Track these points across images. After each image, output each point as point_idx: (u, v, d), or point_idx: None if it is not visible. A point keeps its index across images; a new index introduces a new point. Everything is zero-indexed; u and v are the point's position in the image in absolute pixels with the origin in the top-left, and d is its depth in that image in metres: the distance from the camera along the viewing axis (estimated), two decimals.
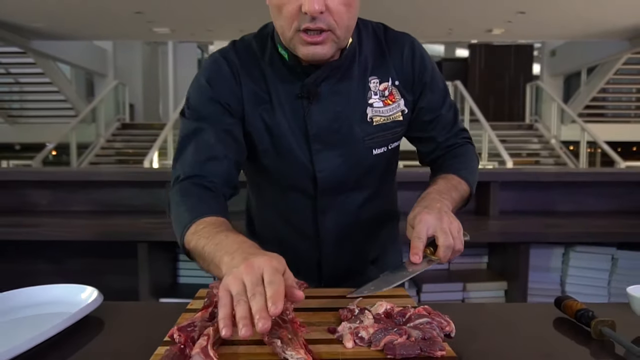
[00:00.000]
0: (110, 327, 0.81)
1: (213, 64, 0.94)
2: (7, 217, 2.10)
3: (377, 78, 0.95)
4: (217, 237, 0.74)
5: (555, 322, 0.82)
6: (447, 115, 1.03)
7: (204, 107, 0.91)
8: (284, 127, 0.92)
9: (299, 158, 0.94)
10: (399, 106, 0.96)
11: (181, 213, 0.83)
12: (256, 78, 0.93)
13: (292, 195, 1.00)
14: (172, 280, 2.10)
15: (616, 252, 1.89)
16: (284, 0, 0.80)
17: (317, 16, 0.79)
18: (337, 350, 0.63)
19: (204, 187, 0.87)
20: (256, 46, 0.94)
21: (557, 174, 2.22)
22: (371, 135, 0.95)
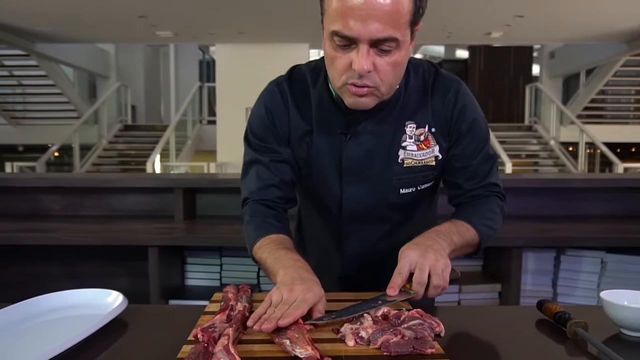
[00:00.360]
0: (134, 328, 0.90)
1: (269, 93, 1.06)
2: (22, 221, 2.18)
3: (414, 123, 1.01)
4: (276, 253, 0.93)
5: (536, 323, 0.91)
6: (479, 166, 1.05)
7: (262, 137, 1.05)
8: (322, 157, 1.03)
9: (331, 185, 1.04)
10: (432, 152, 1.02)
11: (250, 230, 1.03)
12: (303, 110, 1.03)
13: (321, 216, 1.13)
14: (180, 283, 2.18)
15: (605, 255, 1.97)
16: (336, 54, 0.88)
17: (364, 74, 0.86)
18: (341, 348, 0.72)
19: (267, 206, 1.05)
20: (309, 79, 1.04)
21: (549, 180, 2.30)
22: (400, 175, 1.02)
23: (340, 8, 0.83)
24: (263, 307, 0.79)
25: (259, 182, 1.05)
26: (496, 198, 1.09)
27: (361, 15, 0.81)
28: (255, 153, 1.06)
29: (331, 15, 0.86)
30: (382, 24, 0.82)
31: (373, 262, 1.12)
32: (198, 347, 0.67)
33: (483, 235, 1.02)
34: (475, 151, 1.04)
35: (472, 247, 1.02)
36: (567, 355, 0.80)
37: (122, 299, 0.92)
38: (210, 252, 2.17)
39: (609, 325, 0.87)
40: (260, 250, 0.97)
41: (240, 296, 0.88)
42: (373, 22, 0.81)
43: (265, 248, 0.96)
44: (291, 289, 0.80)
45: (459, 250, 0.99)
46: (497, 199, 1.09)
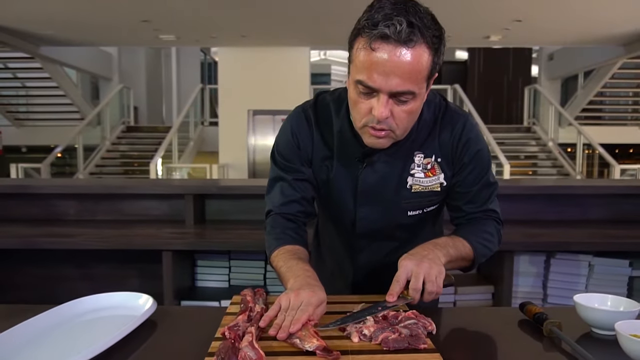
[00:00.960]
0: (163, 328, 1.01)
1: (296, 117, 1.18)
2: (40, 226, 2.29)
3: (422, 153, 1.12)
4: (289, 262, 1.05)
5: (518, 323, 1.03)
6: (479, 193, 1.16)
7: (287, 157, 1.17)
8: (340, 180, 1.15)
9: (347, 206, 1.17)
10: (438, 179, 1.13)
11: (270, 240, 1.15)
12: (326, 136, 1.15)
13: (337, 230, 1.26)
14: (191, 284, 2.30)
15: (593, 259, 2.09)
16: (359, 99, 0.98)
17: (382, 120, 0.97)
18: (347, 343, 0.84)
19: (288, 219, 1.17)
20: (333, 108, 1.15)
21: (540, 187, 2.42)
22: (408, 199, 1.14)
23: (367, 62, 0.93)
24: (273, 310, 0.91)
25: (282, 197, 1.17)
26: (493, 221, 1.19)
27: (384, 70, 0.92)
28: (280, 171, 1.18)
29: (357, 65, 0.96)
30: (402, 79, 0.92)
31: (382, 272, 1.21)
32: (226, 343, 0.79)
33: (477, 251, 1.12)
34: (477, 179, 1.15)
35: (467, 262, 1.13)
36: (543, 351, 0.92)
37: (152, 301, 1.04)
38: (219, 255, 2.28)
39: (582, 325, 0.99)
40: (276, 258, 1.09)
41: (257, 299, 1.00)
42: (394, 77, 0.92)
43: (281, 257, 1.08)
44: (297, 293, 0.91)
45: (454, 262, 1.09)
46: (495, 222, 1.19)
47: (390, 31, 0.90)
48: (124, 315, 1.02)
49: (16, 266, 2.38)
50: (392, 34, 0.90)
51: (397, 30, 0.89)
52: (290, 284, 0.98)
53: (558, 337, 0.92)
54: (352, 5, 6.51)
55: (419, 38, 0.91)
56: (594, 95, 10.84)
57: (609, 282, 2.08)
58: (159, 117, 13.92)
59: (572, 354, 0.87)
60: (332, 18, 7.24)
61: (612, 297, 1.00)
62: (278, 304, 0.92)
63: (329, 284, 1.01)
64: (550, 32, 8.01)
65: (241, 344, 0.77)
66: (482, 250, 1.13)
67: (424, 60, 0.93)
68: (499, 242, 1.20)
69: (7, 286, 2.40)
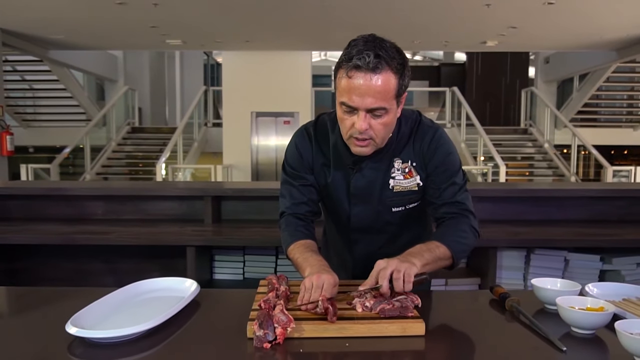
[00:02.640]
0: (205, 306, 1.27)
1: (300, 134, 1.45)
2: (74, 225, 2.54)
3: (400, 159, 1.37)
4: (305, 254, 1.29)
5: (489, 302, 1.29)
6: (448, 189, 1.36)
7: (294, 167, 1.43)
8: (336, 184, 1.42)
9: (342, 205, 1.44)
10: (415, 180, 1.38)
11: (285, 236, 1.40)
12: (324, 149, 1.42)
13: (337, 227, 1.54)
14: (209, 277, 2.55)
15: (568, 254, 2.35)
16: (344, 116, 1.25)
17: (363, 132, 1.23)
18: (353, 313, 1.10)
19: (299, 218, 1.43)
20: (329, 126, 1.42)
21: (523, 190, 2.68)
22: (390, 198, 1.39)
23: (346, 87, 1.20)
24: (301, 291, 1.14)
25: (292, 200, 1.44)
26: (465, 219, 1.35)
27: (360, 92, 1.18)
28: (289, 178, 1.45)
29: (340, 90, 1.23)
30: (374, 98, 1.19)
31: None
32: (262, 311, 1.05)
33: (454, 249, 1.28)
34: (446, 179, 1.36)
35: (447, 261, 1.28)
36: (505, 322, 1.18)
37: (196, 285, 1.30)
38: (234, 251, 2.54)
39: (537, 303, 1.25)
40: (293, 251, 1.35)
41: (280, 281, 1.26)
42: (368, 97, 1.19)
43: (297, 250, 1.33)
44: (318, 276, 1.15)
45: (432, 264, 1.23)
46: (466, 219, 1.35)
47: (362, 62, 1.16)
48: (173, 296, 1.28)
49: (48, 260, 2.64)
50: (363, 64, 1.16)
51: (366, 62, 1.16)
52: (308, 271, 1.21)
53: (517, 310, 1.18)
54: (351, 11, 6.79)
55: (385, 66, 1.18)
56: (589, 98, 11.08)
57: (582, 275, 2.33)
58: (162, 118, 14.15)
59: (527, 323, 1.14)
60: (333, 24, 7.50)
61: (561, 280, 1.27)
62: (303, 286, 1.15)
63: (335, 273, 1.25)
64: (544, 38, 8.28)
65: (274, 311, 1.03)
66: (458, 247, 1.29)
67: (391, 83, 1.20)
68: (477, 235, 1.36)
69: (40, 279, 2.66)
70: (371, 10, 6.65)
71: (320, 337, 1.03)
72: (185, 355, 0.97)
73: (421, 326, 1.04)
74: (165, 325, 1.08)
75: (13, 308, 1.27)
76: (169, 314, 1.11)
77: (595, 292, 1.27)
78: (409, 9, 6.61)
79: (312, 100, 10.67)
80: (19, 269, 2.64)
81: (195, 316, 1.18)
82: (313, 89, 10.71)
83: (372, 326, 1.04)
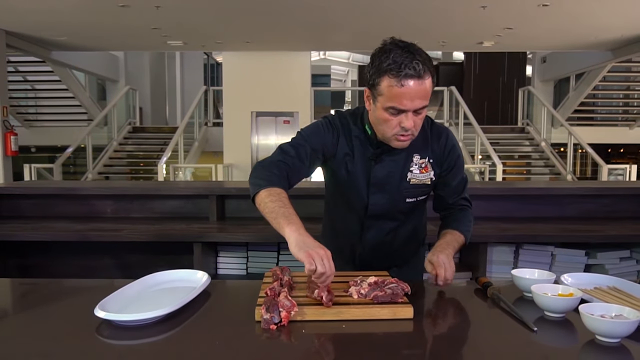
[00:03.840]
0: (215, 295, 1.40)
1: (326, 124, 1.53)
2: (85, 222, 2.67)
3: (419, 155, 1.52)
4: (289, 209, 1.30)
5: (474, 291, 1.42)
6: (457, 186, 1.60)
7: (311, 137, 1.50)
8: (357, 173, 1.53)
9: (361, 194, 1.56)
10: (429, 175, 1.54)
11: (262, 174, 1.41)
12: (347, 140, 1.53)
13: (351, 212, 1.63)
14: (214, 272, 2.68)
15: (555, 249, 2.48)
16: (390, 117, 1.36)
17: (410, 129, 1.37)
18: (349, 299, 1.23)
19: (282, 167, 1.44)
20: (350, 120, 1.54)
21: (514, 189, 2.81)
22: (407, 189, 1.54)
23: (398, 93, 1.31)
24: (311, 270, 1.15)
25: (283, 154, 1.46)
26: (468, 209, 1.65)
27: (411, 97, 1.31)
28: (295, 140, 1.49)
29: (388, 96, 1.33)
30: (421, 100, 1.33)
31: (383, 246, 1.65)
32: (268, 298, 1.17)
33: (467, 237, 1.58)
34: (456, 177, 1.59)
35: (461, 246, 1.57)
36: (487, 308, 1.31)
37: (207, 276, 1.43)
38: (238, 247, 2.67)
39: (517, 291, 1.38)
40: (270, 196, 1.33)
41: (284, 272, 1.39)
42: (417, 99, 1.32)
43: (276, 197, 1.32)
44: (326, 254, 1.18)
45: (456, 250, 1.52)
46: (469, 209, 1.65)
47: (413, 72, 1.29)
48: (187, 286, 1.40)
49: (59, 257, 2.76)
50: (415, 73, 1.29)
51: (417, 70, 1.30)
52: (291, 231, 1.22)
53: (498, 298, 1.31)
54: (349, 12, 6.91)
55: (427, 70, 1.32)
56: (585, 97, 11.21)
57: (568, 269, 2.46)
58: (163, 118, 14.26)
59: (506, 308, 1.26)
60: (331, 25, 7.62)
61: (539, 271, 1.40)
62: (312, 264, 1.15)
63: (336, 257, 1.31)
64: (540, 39, 8.39)
65: (279, 297, 1.16)
66: (469, 234, 1.60)
67: (431, 83, 1.35)
68: (472, 221, 1.65)
69: (53, 275, 2.78)
70: (369, 12, 6.77)
71: (320, 320, 1.15)
72: (200, 336, 1.10)
73: (410, 310, 1.17)
74: (181, 311, 1.21)
75: (41, 298, 1.40)
76: (184, 301, 1.24)
77: (569, 282, 1.40)
78: (407, 11, 6.73)
79: (312, 99, 10.78)
80: (32, 265, 2.77)
81: (207, 303, 1.31)
82: (312, 89, 10.83)
83: (366, 310, 1.17)
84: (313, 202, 2.19)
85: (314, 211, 2.07)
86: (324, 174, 1.66)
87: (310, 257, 1.16)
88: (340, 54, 18.99)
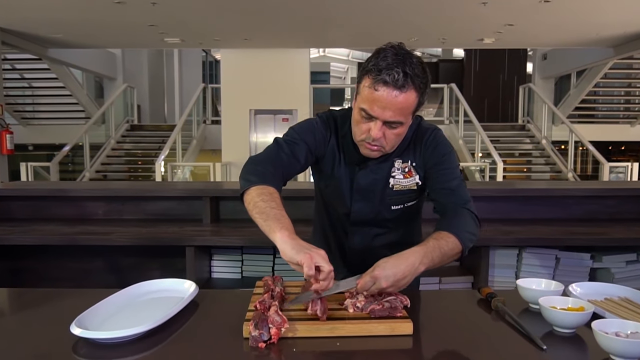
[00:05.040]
0: (203, 306, 1.32)
1: (321, 122, 1.46)
2: (75, 225, 2.59)
3: (401, 159, 1.43)
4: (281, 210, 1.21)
5: (477, 301, 1.34)
6: (448, 180, 1.40)
7: (306, 135, 1.42)
8: (342, 179, 1.47)
9: (343, 199, 1.49)
10: (414, 179, 1.44)
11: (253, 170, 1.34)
12: (336, 141, 1.46)
13: (335, 218, 1.57)
14: (208, 276, 2.61)
15: (559, 252, 2.40)
16: (361, 120, 1.29)
17: (376, 139, 1.29)
18: (345, 314, 1.15)
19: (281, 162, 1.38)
20: (340, 121, 1.47)
21: (515, 190, 2.73)
22: (390, 196, 1.45)
23: (370, 97, 1.23)
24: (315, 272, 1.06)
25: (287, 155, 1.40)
26: (466, 210, 1.37)
27: (382, 105, 1.23)
28: (297, 136, 1.42)
29: (363, 97, 1.26)
30: (394, 113, 1.24)
31: (370, 253, 1.52)
32: (258, 312, 1.10)
33: (463, 240, 1.30)
34: (447, 176, 1.41)
35: (456, 254, 1.29)
36: (491, 321, 1.23)
37: (195, 286, 1.35)
38: (233, 250, 2.59)
39: (522, 302, 1.30)
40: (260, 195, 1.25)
41: (276, 282, 1.31)
42: (389, 110, 1.23)
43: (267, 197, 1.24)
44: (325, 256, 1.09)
45: (438, 264, 1.25)
46: (467, 210, 1.37)
47: (390, 78, 1.20)
48: (173, 297, 1.33)
49: (51, 260, 2.69)
50: (391, 80, 1.20)
51: (394, 79, 1.20)
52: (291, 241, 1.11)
53: (502, 310, 1.24)
54: (349, 9, 6.82)
55: (410, 85, 1.22)
56: (586, 94, 11.13)
57: (572, 273, 2.39)
58: (161, 116, 14.18)
59: (511, 322, 1.19)
60: (330, 21, 7.53)
61: (546, 280, 1.32)
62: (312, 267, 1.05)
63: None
64: (541, 35, 8.31)
65: (269, 312, 1.08)
66: (467, 237, 1.31)
67: (412, 100, 1.25)
68: (480, 223, 1.39)
69: (45, 278, 2.71)
70: (369, 8, 6.68)
71: (312, 337, 1.08)
72: (184, 354, 1.02)
73: (409, 326, 1.09)
74: (166, 326, 1.13)
75: (16, 308, 1.32)
76: (168, 315, 1.16)
77: (578, 292, 1.32)
78: (406, 7, 6.64)
79: (311, 97, 10.70)
80: (23, 268, 2.69)
81: (194, 317, 1.23)
82: (311, 86, 10.75)
83: (362, 326, 1.09)
84: (302, 204, 2.12)
85: (305, 212, 1.98)
86: (313, 174, 1.59)
87: (311, 259, 1.06)
88: (340, 51, 18.89)
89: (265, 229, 1.20)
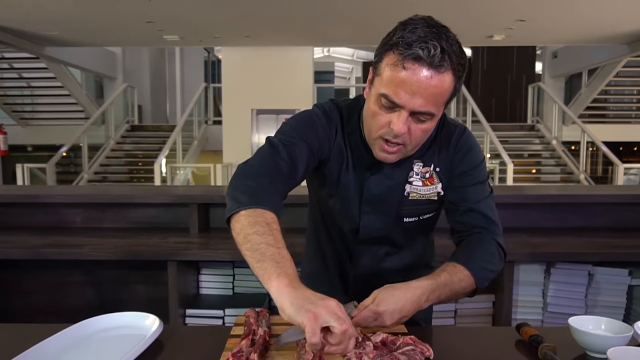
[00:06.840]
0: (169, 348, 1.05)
1: (323, 114, 1.14)
2: (47, 235, 2.32)
3: (421, 162, 1.14)
4: (282, 250, 0.89)
5: (515, 344, 1.06)
6: (474, 193, 1.15)
7: (306, 133, 1.09)
8: (349, 187, 1.16)
9: (350, 212, 1.19)
10: (436, 188, 1.15)
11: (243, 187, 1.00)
12: (343, 139, 1.15)
13: (335, 236, 1.27)
14: (196, 292, 2.33)
15: (592, 268, 2.11)
16: (379, 111, 1.00)
17: (399, 135, 1.00)
18: None
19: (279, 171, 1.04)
20: (346, 114, 1.15)
21: (540, 196, 2.44)
22: (405, 207, 1.16)
23: (395, 78, 0.95)
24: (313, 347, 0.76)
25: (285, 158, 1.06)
26: (492, 235, 1.14)
27: (411, 90, 0.94)
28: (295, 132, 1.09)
29: (384, 79, 0.97)
30: (425, 100, 0.95)
31: (376, 275, 1.25)
32: None
33: (480, 280, 1.08)
34: (477, 193, 1.15)
35: (468, 291, 1.09)
36: None
37: (159, 322, 1.07)
38: (223, 264, 2.32)
39: (576, 347, 1.01)
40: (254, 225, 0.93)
41: (260, 320, 1.03)
42: (419, 97, 0.95)
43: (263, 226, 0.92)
44: (337, 318, 0.77)
45: (445, 301, 1.07)
46: (493, 235, 1.14)
47: (424, 54, 0.92)
48: (132, 334, 1.06)
49: (24, 273, 2.43)
50: (426, 56, 0.92)
51: (430, 54, 0.92)
52: (290, 294, 0.80)
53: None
54: (354, 7, 6.54)
55: (448, 65, 0.94)
56: (598, 93, 10.83)
57: (608, 291, 2.10)
58: (163, 116, 13.98)
59: None
60: (335, 19, 7.26)
61: (607, 320, 1.03)
62: (317, 334, 0.75)
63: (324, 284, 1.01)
64: (554, 31, 8.01)
65: None
66: (484, 276, 1.10)
67: (448, 85, 0.97)
68: (505, 256, 1.16)
69: (17, 292, 2.45)
70: (374, 3, 6.40)
71: None
72: None
73: None
74: None
75: None
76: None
77: None
78: (414, 2, 6.35)
79: (314, 97, 10.44)
80: None
81: None
82: (315, 86, 10.49)
83: None
84: (298, 210, 1.76)
85: (302, 220, 1.66)
86: (310, 180, 1.28)
87: (315, 320, 0.75)
88: (344, 50, 18.63)
89: (258, 272, 0.89)
